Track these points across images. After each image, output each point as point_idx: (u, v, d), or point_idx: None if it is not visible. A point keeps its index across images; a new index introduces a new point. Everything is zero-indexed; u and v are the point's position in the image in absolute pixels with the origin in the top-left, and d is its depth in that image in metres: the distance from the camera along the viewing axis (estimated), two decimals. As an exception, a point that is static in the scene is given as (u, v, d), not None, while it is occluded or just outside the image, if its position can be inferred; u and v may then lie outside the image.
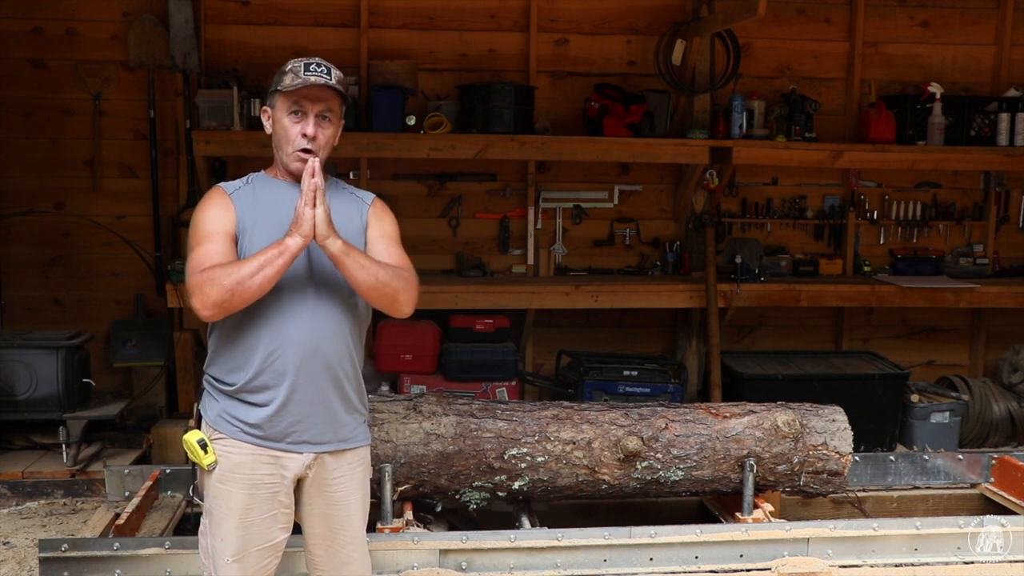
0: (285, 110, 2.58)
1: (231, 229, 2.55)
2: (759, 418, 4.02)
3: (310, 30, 5.66)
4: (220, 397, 2.60)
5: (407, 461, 3.81)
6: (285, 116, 2.58)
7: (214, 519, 2.60)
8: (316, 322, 2.57)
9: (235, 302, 2.43)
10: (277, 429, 2.56)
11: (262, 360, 2.54)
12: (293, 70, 2.57)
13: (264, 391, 2.56)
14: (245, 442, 2.56)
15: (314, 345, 2.57)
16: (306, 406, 2.58)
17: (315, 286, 2.58)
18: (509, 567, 3.70)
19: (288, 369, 2.55)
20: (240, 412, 2.56)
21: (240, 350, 2.55)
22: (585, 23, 5.87)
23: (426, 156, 5.42)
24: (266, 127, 2.68)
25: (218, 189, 2.65)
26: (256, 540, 2.59)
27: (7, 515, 4.62)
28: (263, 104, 2.71)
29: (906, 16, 6.11)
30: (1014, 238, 6.35)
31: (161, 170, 5.58)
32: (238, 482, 2.56)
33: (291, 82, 2.55)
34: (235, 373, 2.56)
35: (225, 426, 2.57)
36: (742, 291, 5.67)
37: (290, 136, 2.58)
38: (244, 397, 2.57)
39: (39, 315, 5.66)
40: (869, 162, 5.90)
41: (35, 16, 5.50)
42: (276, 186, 2.65)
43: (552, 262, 5.99)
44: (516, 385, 5.56)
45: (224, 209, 2.58)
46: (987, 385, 5.86)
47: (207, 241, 2.52)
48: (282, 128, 2.59)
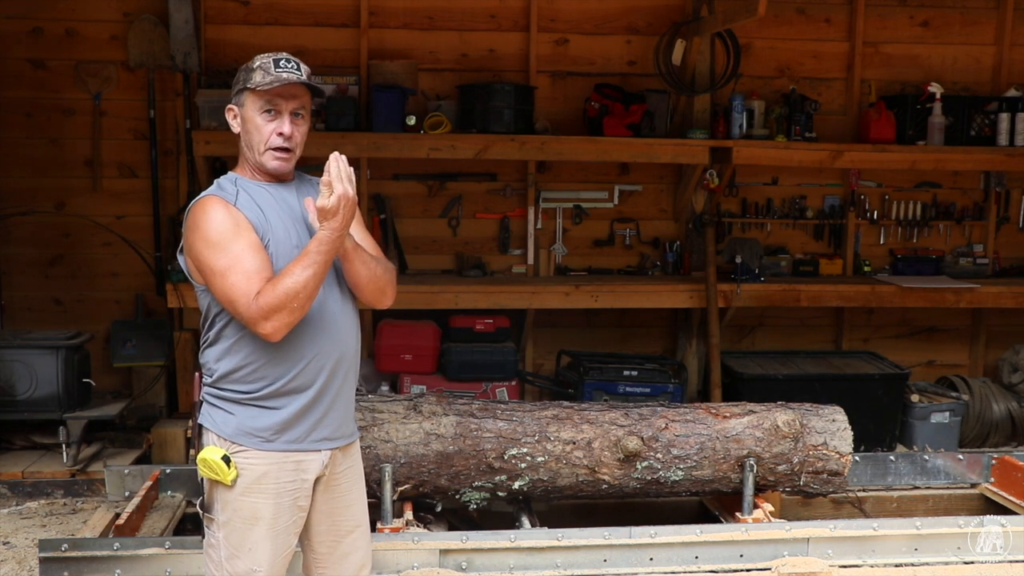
0: (257, 109, 2.50)
1: (255, 237, 2.45)
2: (759, 418, 4.02)
3: (310, 30, 5.66)
4: (236, 409, 2.52)
5: (407, 461, 3.81)
6: (257, 115, 2.50)
7: (235, 532, 2.53)
8: (339, 319, 2.57)
9: (301, 316, 2.41)
10: (302, 429, 2.53)
11: (297, 364, 2.50)
12: (262, 67, 2.48)
13: (294, 394, 2.51)
14: (267, 451, 2.51)
15: (342, 342, 2.58)
16: (329, 403, 2.58)
17: (334, 282, 2.57)
18: (509, 567, 3.70)
19: (324, 367, 2.54)
20: (263, 419, 2.50)
21: (271, 357, 2.49)
22: (585, 23, 5.87)
23: (426, 156, 5.42)
24: (233, 126, 2.57)
25: (218, 200, 2.48)
26: (281, 549, 2.57)
27: (7, 515, 4.62)
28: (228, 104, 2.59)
29: (906, 16, 6.11)
30: (1014, 238, 6.35)
31: (161, 170, 5.58)
32: (264, 493, 2.51)
33: (262, 79, 2.46)
34: (260, 380, 2.50)
35: (246, 438, 2.50)
36: (742, 291, 5.67)
37: (264, 135, 2.51)
38: (268, 403, 2.50)
39: (39, 315, 5.66)
40: (869, 162, 5.89)
41: (35, 16, 5.50)
42: (262, 189, 2.55)
43: (552, 262, 5.99)
44: (516, 385, 5.56)
45: (238, 218, 2.46)
46: (987, 385, 5.86)
47: (241, 259, 2.41)
48: (254, 127, 2.51)
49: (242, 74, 2.53)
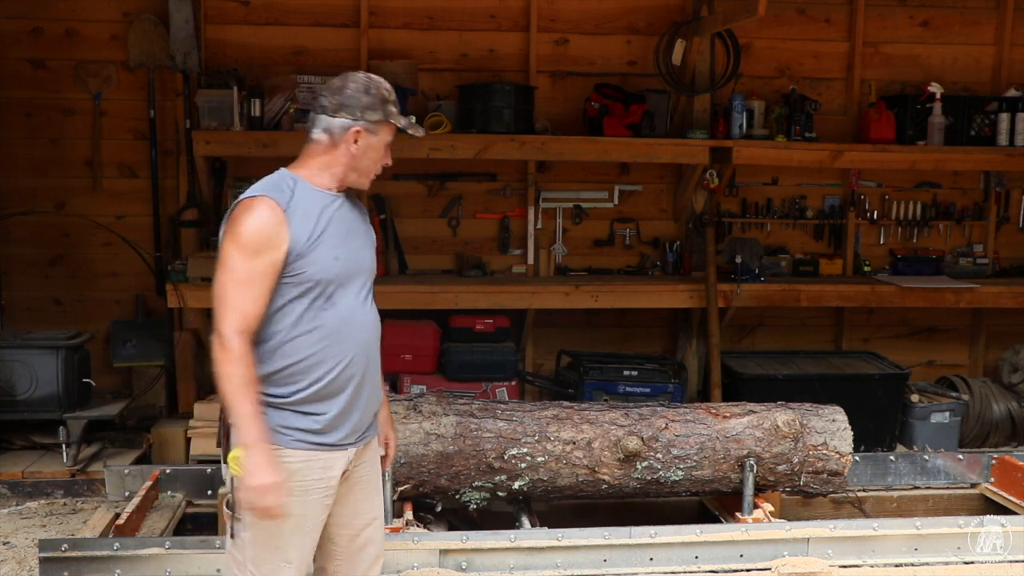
0: (387, 142, 2.61)
1: (280, 259, 2.45)
2: (759, 418, 4.02)
3: (310, 30, 5.66)
4: (268, 410, 2.49)
5: (407, 461, 3.81)
6: (383, 146, 2.61)
7: (264, 531, 2.51)
8: (367, 320, 2.63)
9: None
10: (334, 429, 2.56)
11: (333, 370, 2.53)
12: (393, 102, 2.60)
13: (329, 399, 2.54)
14: (298, 449, 2.52)
15: (367, 344, 2.62)
16: (358, 404, 2.61)
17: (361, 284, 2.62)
18: (509, 567, 3.70)
19: (355, 372, 2.58)
20: (297, 421, 2.52)
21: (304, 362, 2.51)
22: (585, 23, 5.87)
23: (426, 156, 5.42)
24: (353, 148, 2.56)
25: (267, 203, 2.47)
26: (309, 547, 2.61)
27: (7, 515, 4.62)
28: (338, 116, 2.55)
29: (906, 16, 6.11)
30: (1014, 238, 6.35)
31: (161, 170, 5.58)
32: (295, 491, 2.50)
33: (399, 119, 2.59)
34: (294, 385, 2.52)
35: (278, 437, 2.49)
36: (742, 291, 5.67)
37: (377, 164, 2.62)
38: (303, 408, 2.52)
39: (39, 315, 5.66)
40: (869, 162, 5.89)
41: (35, 16, 5.50)
42: (320, 195, 2.56)
43: (552, 262, 5.99)
44: (516, 385, 5.56)
45: (277, 230, 2.45)
46: (987, 385, 5.86)
47: (250, 284, 2.44)
48: (376, 155, 2.60)
49: (378, 103, 2.57)
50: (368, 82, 2.58)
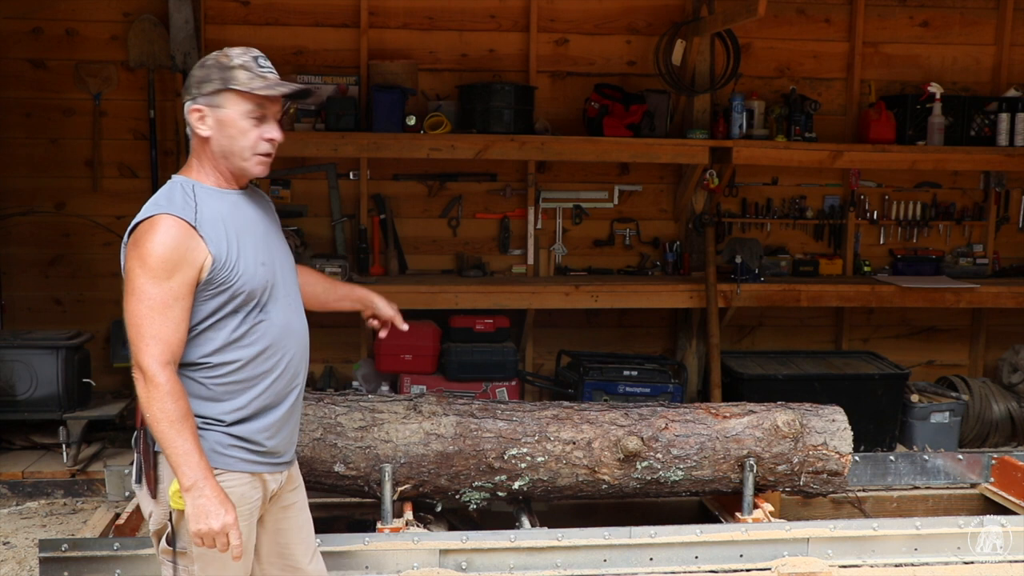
0: (243, 112, 2.32)
1: (194, 276, 2.26)
2: (759, 418, 4.02)
3: (310, 30, 5.66)
4: (205, 434, 2.34)
5: (407, 461, 3.81)
6: (243, 119, 2.32)
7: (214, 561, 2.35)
8: (301, 328, 2.52)
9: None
10: (273, 444, 2.44)
11: (272, 383, 2.41)
12: (244, 66, 2.31)
13: (268, 412, 2.42)
14: (242, 471, 2.38)
15: (304, 351, 2.52)
16: (297, 416, 2.53)
17: (286, 292, 2.48)
18: (509, 567, 3.70)
19: (296, 385, 2.49)
20: (238, 441, 2.38)
21: (243, 377, 2.37)
22: (585, 23, 5.88)
23: (426, 156, 5.42)
24: (200, 129, 2.34)
25: (172, 221, 2.26)
26: (250, 565, 2.49)
27: (7, 515, 4.62)
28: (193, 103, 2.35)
29: (906, 16, 6.11)
30: (1014, 238, 6.36)
31: (161, 170, 5.57)
32: (241, 515, 2.35)
33: (250, 81, 2.31)
34: (232, 402, 2.37)
35: (220, 460, 2.34)
36: (742, 291, 5.67)
37: (251, 140, 2.34)
38: (244, 426, 2.38)
39: (39, 315, 5.67)
40: (869, 162, 5.89)
41: (35, 16, 5.50)
42: (223, 197, 2.37)
43: (552, 262, 6.00)
44: (516, 385, 5.56)
45: (188, 245, 2.25)
46: (987, 385, 5.86)
47: (167, 309, 2.23)
48: (238, 131, 2.33)
49: (214, 71, 2.32)
50: (208, 57, 2.36)
